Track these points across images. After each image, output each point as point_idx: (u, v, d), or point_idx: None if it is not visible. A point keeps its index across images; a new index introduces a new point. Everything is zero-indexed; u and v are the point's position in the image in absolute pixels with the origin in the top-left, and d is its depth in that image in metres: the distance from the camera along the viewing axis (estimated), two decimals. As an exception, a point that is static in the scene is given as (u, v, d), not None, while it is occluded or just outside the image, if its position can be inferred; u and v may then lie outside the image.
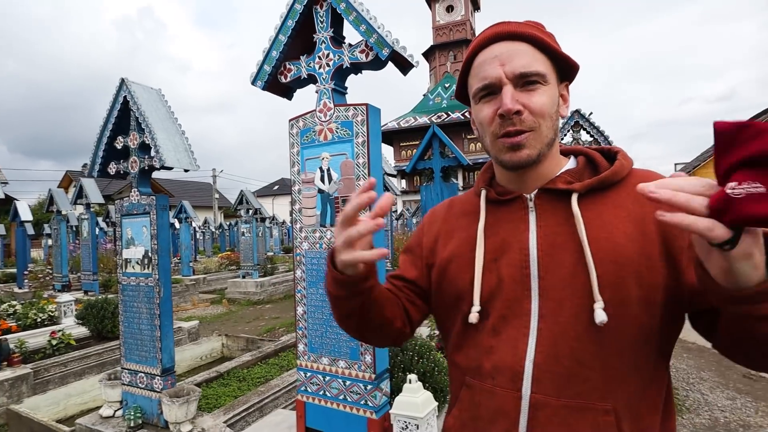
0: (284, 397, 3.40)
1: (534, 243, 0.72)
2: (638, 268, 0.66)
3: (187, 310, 8.46)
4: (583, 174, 0.75)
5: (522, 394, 0.68)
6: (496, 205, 0.79)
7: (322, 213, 2.16)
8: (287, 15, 2.10)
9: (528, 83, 0.70)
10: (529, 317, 0.70)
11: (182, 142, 2.74)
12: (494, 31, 0.72)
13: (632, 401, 0.66)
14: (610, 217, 0.69)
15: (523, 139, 0.69)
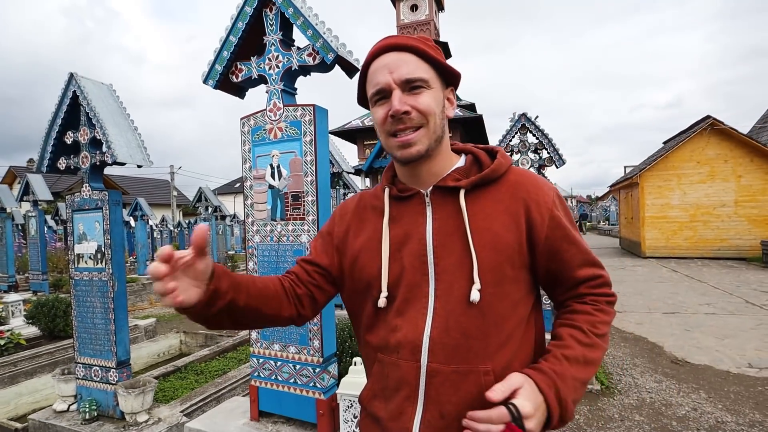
0: (241, 387, 3.48)
1: (430, 234, 0.83)
2: (512, 253, 0.81)
3: (145, 309, 8.27)
4: (470, 171, 0.87)
5: (421, 364, 0.80)
6: (399, 201, 0.89)
7: (273, 208, 2.28)
8: (237, 17, 2.20)
9: (413, 87, 0.81)
10: (427, 299, 0.81)
11: (135, 137, 2.77)
12: (385, 43, 0.83)
13: (508, 361, 0.80)
14: (491, 210, 0.82)
15: (413, 137, 0.80)
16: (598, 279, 0.87)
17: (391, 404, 0.83)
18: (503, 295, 0.80)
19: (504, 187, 0.85)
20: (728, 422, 3.05)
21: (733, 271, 10.75)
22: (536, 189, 0.85)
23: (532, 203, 0.83)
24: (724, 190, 13.55)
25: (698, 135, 13.72)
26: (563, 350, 0.80)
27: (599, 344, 0.82)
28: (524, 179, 0.86)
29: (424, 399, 0.80)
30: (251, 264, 2.36)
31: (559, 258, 0.84)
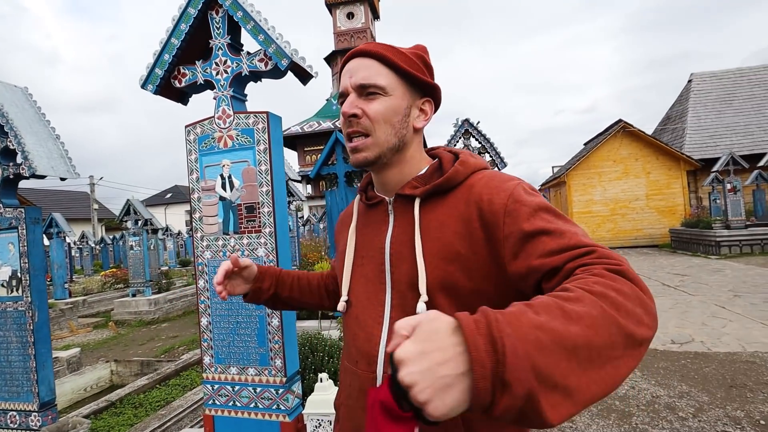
0: (189, 417, 3.22)
1: (388, 242, 0.82)
2: (466, 263, 0.73)
3: (64, 338, 7.43)
4: (431, 179, 0.83)
5: (376, 375, 0.78)
6: (367, 209, 0.91)
7: (225, 221, 2.13)
8: (180, 18, 2.04)
9: (369, 93, 0.80)
10: (383, 307, 0.80)
11: (57, 147, 2.47)
12: (355, 49, 0.85)
13: None
14: (444, 218, 0.77)
15: (359, 144, 0.81)
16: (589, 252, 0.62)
17: (354, 416, 0.83)
18: (460, 307, 0.68)
19: (460, 193, 0.79)
20: (662, 396, 3.36)
21: (649, 257, 11.95)
22: (490, 189, 0.75)
23: (485, 204, 0.73)
24: (637, 186, 15.06)
25: (613, 137, 15.14)
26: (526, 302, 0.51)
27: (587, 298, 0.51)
28: (481, 181, 0.77)
29: None
30: (202, 282, 2.19)
31: (527, 255, 0.67)
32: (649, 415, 3.07)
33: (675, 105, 18.04)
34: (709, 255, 10.98)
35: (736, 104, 16.18)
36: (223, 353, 2.17)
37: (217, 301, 2.16)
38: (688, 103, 16.64)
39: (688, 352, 4.28)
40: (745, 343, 4.40)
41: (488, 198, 0.73)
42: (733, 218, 10.96)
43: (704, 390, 3.41)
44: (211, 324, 2.18)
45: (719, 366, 3.87)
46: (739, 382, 3.50)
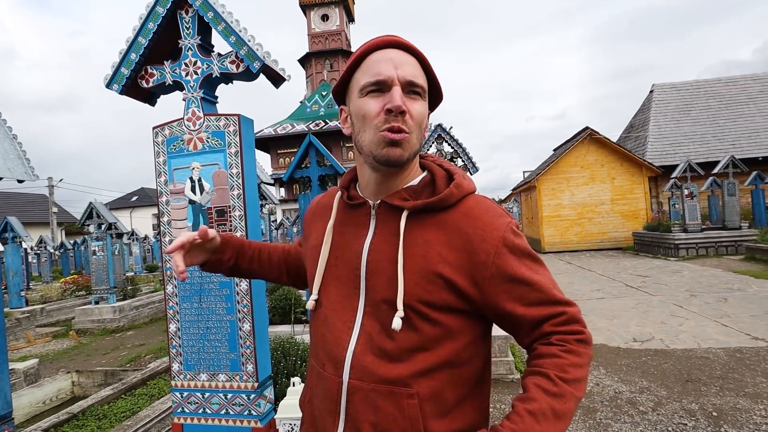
0: (156, 427, 3.12)
1: (367, 248, 0.80)
2: (445, 285, 0.75)
3: (21, 349, 7.05)
4: (422, 193, 0.82)
5: (342, 380, 0.77)
6: (348, 208, 0.88)
7: (194, 224, 2.09)
8: (147, 17, 2.00)
9: (413, 92, 0.78)
10: (355, 313, 0.79)
11: (14, 147, 2.36)
12: (390, 38, 0.80)
13: (437, 389, 0.75)
14: (431, 237, 0.77)
15: (402, 137, 0.75)
16: (562, 316, 0.77)
17: (318, 416, 0.83)
18: (434, 323, 0.75)
19: (452, 216, 0.79)
20: (624, 392, 3.50)
21: (614, 259, 12.42)
22: (484, 224, 0.78)
23: (476, 238, 0.76)
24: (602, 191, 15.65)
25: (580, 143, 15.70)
26: (527, 404, 0.70)
27: (569, 392, 0.71)
28: (476, 211, 0.80)
29: (344, 416, 0.77)
30: (170, 288, 2.14)
31: (510, 298, 0.76)
32: (612, 410, 3.19)
33: (638, 114, 18.90)
34: (669, 257, 11.52)
35: (693, 114, 17.11)
36: (192, 360, 2.12)
37: (187, 307, 2.12)
38: (650, 113, 17.47)
39: (648, 350, 4.48)
40: (700, 340, 4.65)
41: (481, 234, 0.76)
42: (690, 222, 11.54)
43: (663, 385, 3.58)
44: (180, 330, 2.13)
45: (677, 362, 4.07)
46: (695, 377, 3.69)
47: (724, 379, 3.60)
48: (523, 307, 0.76)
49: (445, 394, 0.76)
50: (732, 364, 3.92)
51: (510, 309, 0.76)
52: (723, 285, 7.37)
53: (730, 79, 18.16)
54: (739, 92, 17.45)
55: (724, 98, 17.39)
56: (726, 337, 4.68)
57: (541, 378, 0.72)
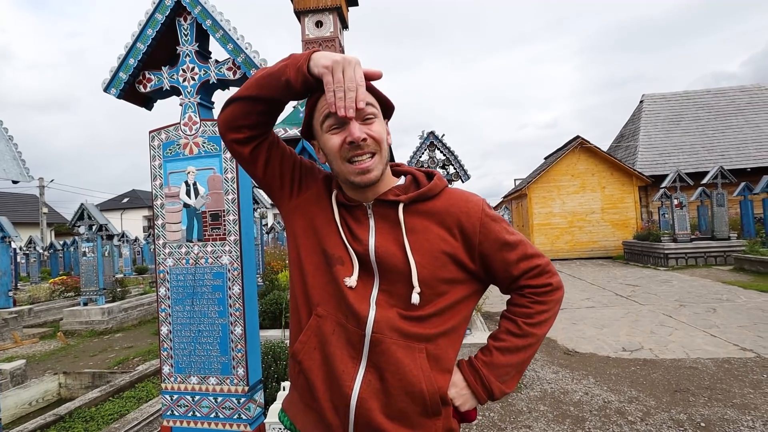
0: (144, 430, 3.10)
1: (372, 240, 0.93)
2: (448, 259, 0.92)
3: (7, 350, 6.94)
4: (409, 189, 0.99)
5: (365, 333, 0.90)
6: (344, 208, 0.98)
7: (188, 228, 2.10)
8: (147, 23, 2.02)
9: (366, 118, 0.89)
10: (371, 289, 0.92)
11: (9, 148, 2.36)
12: None
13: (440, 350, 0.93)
14: (428, 222, 0.94)
15: (370, 164, 0.89)
16: (535, 269, 0.97)
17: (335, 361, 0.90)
18: (441, 295, 0.92)
19: (439, 203, 0.96)
20: (613, 401, 3.53)
21: (604, 268, 12.53)
22: (465, 202, 0.96)
23: (463, 215, 0.94)
24: (593, 199, 15.79)
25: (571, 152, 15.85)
26: (496, 343, 0.97)
27: (532, 332, 0.96)
28: (455, 195, 0.98)
29: (366, 362, 0.89)
30: (162, 290, 2.14)
31: (496, 258, 0.95)
32: (601, 420, 3.22)
33: (628, 124, 19.16)
34: (658, 266, 11.65)
35: (683, 125, 17.38)
36: (183, 362, 2.12)
37: (179, 310, 2.13)
38: (640, 123, 17.72)
39: (637, 359, 4.52)
40: (689, 350, 4.70)
41: (466, 210, 0.94)
42: (679, 232, 11.70)
43: (651, 395, 3.62)
44: (171, 333, 2.13)
45: (665, 372, 4.11)
46: (683, 387, 3.73)
47: (712, 390, 3.64)
48: (505, 264, 0.96)
49: (446, 355, 0.94)
50: (720, 374, 3.96)
51: (496, 267, 0.96)
52: (712, 295, 7.47)
53: (719, 91, 18.50)
54: (728, 103, 17.77)
55: (713, 109, 17.69)
56: (715, 347, 4.73)
57: (510, 323, 0.98)
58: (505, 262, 0.95)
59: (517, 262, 0.95)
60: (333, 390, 0.90)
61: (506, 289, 1.01)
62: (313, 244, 0.98)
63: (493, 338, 0.98)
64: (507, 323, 0.98)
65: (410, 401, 0.88)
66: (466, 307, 0.97)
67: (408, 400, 0.88)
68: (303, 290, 0.98)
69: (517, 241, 0.96)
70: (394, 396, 0.88)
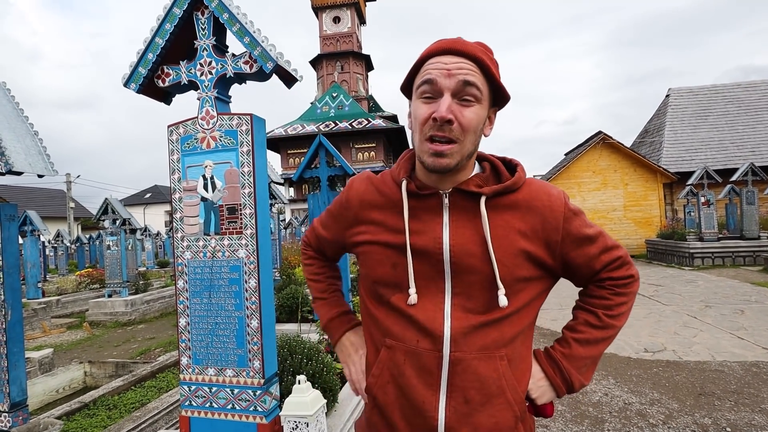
0: (164, 419, 3.18)
1: (447, 234, 0.85)
2: (527, 257, 0.86)
3: (36, 339, 7.21)
4: (489, 179, 0.90)
5: (443, 353, 0.84)
6: (415, 198, 0.89)
7: (206, 221, 2.13)
8: (165, 18, 2.04)
9: (464, 98, 0.80)
10: (443, 294, 0.86)
11: (35, 143, 2.43)
12: (450, 44, 0.82)
13: (517, 350, 0.88)
14: (509, 218, 0.86)
15: (447, 149, 0.81)
16: (617, 261, 0.92)
17: (412, 392, 0.85)
18: (518, 293, 0.86)
19: (520, 196, 0.89)
20: (634, 403, 3.44)
21: (625, 267, 12.22)
22: (548, 197, 0.89)
23: (546, 210, 0.88)
24: (614, 197, 15.40)
25: (593, 148, 15.48)
26: (574, 334, 0.93)
27: (612, 324, 0.92)
28: (536, 188, 0.91)
29: (447, 386, 0.84)
30: (181, 283, 2.18)
31: (578, 254, 0.90)
32: (621, 422, 3.15)
33: (653, 119, 18.59)
34: (683, 266, 11.31)
35: (711, 120, 16.77)
36: (201, 354, 2.15)
37: (197, 302, 2.15)
38: (666, 118, 17.18)
39: (660, 361, 4.40)
40: (715, 352, 4.55)
41: (549, 205, 0.88)
42: (706, 231, 11.32)
43: (674, 398, 3.51)
44: (189, 325, 2.16)
45: (689, 374, 3.99)
46: (708, 391, 3.61)
47: (739, 394, 3.51)
48: (588, 259, 0.91)
49: (523, 355, 0.90)
50: (748, 378, 3.83)
51: (578, 263, 0.91)
52: (740, 296, 7.21)
53: (749, 84, 17.77)
54: (759, 97, 17.05)
55: (744, 103, 17.01)
56: (742, 350, 4.57)
57: (589, 315, 0.93)
58: (587, 257, 0.90)
59: (599, 255, 0.91)
60: (415, 424, 0.85)
61: (585, 283, 0.96)
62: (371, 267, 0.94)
63: (570, 329, 0.94)
64: (585, 315, 0.93)
65: (499, 414, 0.84)
66: (540, 301, 0.93)
67: (496, 414, 0.84)
68: (372, 323, 0.95)
69: (597, 233, 0.91)
70: (483, 413, 0.83)
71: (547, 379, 0.91)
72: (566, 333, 0.94)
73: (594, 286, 0.95)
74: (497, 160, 0.95)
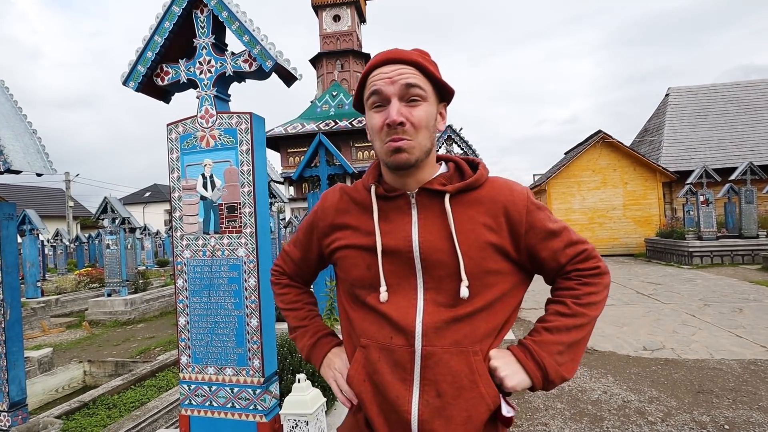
0: (164, 418, 3.18)
1: (416, 232, 0.90)
2: (495, 250, 0.89)
3: (36, 338, 7.21)
4: (453, 178, 0.95)
5: (415, 348, 0.86)
6: (384, 200, 0.95)
7: (205, 220, 2.13)
8: (164, 16, 2.04)
9: (411, 100, 0.87)
10: (415, 291, 0.89)
11: (33, 142, 2.42)
12: (388, 54, 0.89)
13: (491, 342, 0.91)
14: (473, 213, 0.91)
15: (404, 144, 0.86)
16: (582, 254, 0.94)
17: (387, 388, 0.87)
18: (488, 287, 0.89)
19: (484, 192, 0.93)
20: (632, 401, 3.45)
21: (625, 266, 12.25)
22: (511, 192, 0.93)
23: (510, 204, 0.91)
24: (614, 195, 15.41)
25: (592, 147, 15.49)
26: (543, 324, 0.92)
27: (582, 312, 0.91)
28: (500, 185, 0.95)
29: (419, 380, 0.86)
30: (180, 281, 2.18)
31: (543, 248, 0.92)
32: (620, 420, 3.15)
33: (652, 118, 18.60)
34: (682, 265, 11.32)
35: (710, 119, 16.78)
36: (200, 353, 2.16)
37: (196, 301, 2.15)
38: (665, 117, 17.18)
39: (658, 359, 4.41)
40: (713, 350, 4.56)
41: (512, 199, 0.91)
42: (705, 229, 11.33)
43: (673, 395, 3.52)
44: (189, 323, 2.16)
45: (688, 372, 4.00)
46: (706, 388, 3.62)
47: (737, 392, 3.52)
48: (553, 252, 0.93)
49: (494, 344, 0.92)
50: (746, 376, 3.83)
51: (543, 256, 0.93)
52: (738, 295, 7.22)
53: (749, 83, 17.78)
54: (759, 97, 17.06)
55: (743, 103, 17.01)
56: (740, 348, 4.58)
57: (558, 305, 0.93)
58: (552, 250, 0.92)
59: (564, 249, 0.93)
60: (391, 420, 0.87)
61: (553, 278, 0.97)
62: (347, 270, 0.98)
63: (541, 321, 0.94)
64: (555, 305, 0.94)
65: (472, 408, 0.84)
66: (514, 298, 0.94)
67: (469, 407, 0.84)
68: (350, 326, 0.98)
69: (561, 228, 0.94)
70: (456, 406, 0.84)
71: (518, 363, 0.89)
72: (537, 324, 0.94)
73: (562, 278, 0.96)
74: (461, 160, 1.00)
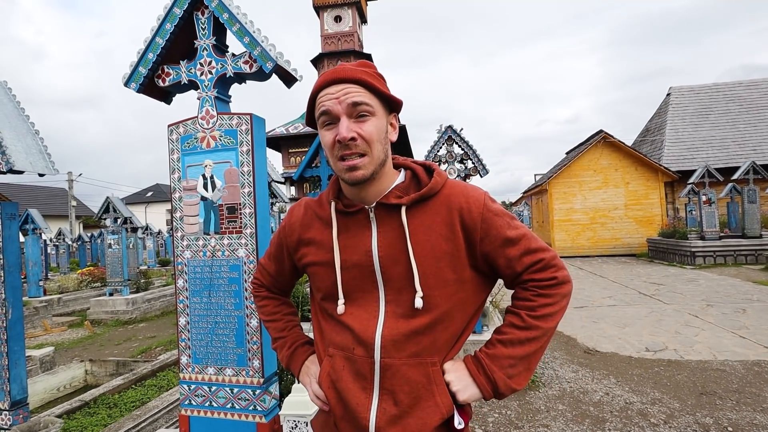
0: (164, 417, 3.18)
1: (375, 246, 0.92)
2: (452, 258, 0.90)
3: (38, 337, 7.23)
4: (410, 188, 0.96)
5: (374, 360, 0.89)
6: (344, 215, 0.96)
7: (206, 221, 2.13)
8: (165, 18, 2.04)
9: (359, 115, 0.88)
10: (377, 303, 0.92)
11: (36, 142, 2.43)
12: (332, 74, 0.90)
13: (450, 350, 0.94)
14: (430, 223, 0.91)
15: (359, 162, 0.88)
16: (539, 264, 0.92)
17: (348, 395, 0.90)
18: (447, 297, 0.90)
19: (440, 200, 0.93)
20: (635, 402, 3.44)
21: (627, 266, 12.21)
22: (466, 198, 0.93)
23: (464, 211, 0.91)
24: (616, 195, 15.38)
25: (594, 147, 15.46)
26: (499, 336, 0.93)
27: (536, 324, 0.90)
28: (456, 190, 0.94)
29: (379, 390, 0.89)
30: (181, 282, 2.18)
31: (498, 255, 0.92)
32: (622, 421, 3.14)
33: (654, 117, 18.54)
34: (685, 265, 11.28)
35: (712, 118, 16.72)
36: (200, 353, 2.16)
37: (196, 301, 2.16)
38: (667, 116, 17.13)
39: (661, 360, 4.39)
40: (716, 351, 4.54)
41: (467, 206, 0.91)
42: (707, 229, 11.29)
43: (676, 397, 3.51)
44: (189, 324, 2.17)
45: (691, 374, 3.98)
46: (710, 390, 3.60)
47: (740, 393, 3.50)
48: (508, 261, 0.92)
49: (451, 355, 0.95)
50: (749, 377, 3.81)
51: (499, 264, 0.93)
52: (741, 295, 7.19)
53: (751, 83, 17.70)
54: (761, 96, 16.98)
55: (745, 102, 16.94)
56: (743, 349, 4.56)
57: (513, 316, 0.93)
58: (507, 258, 0.92)
59: (520, 257, 0.92)
60: (352, 426, 0.91)
61: (510, 284, 0.98)
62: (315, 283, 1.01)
63: (497, 332, 0.95)
64: (510, 317, 0.94)
65: (427, 417, 0.87)
66: (473, 305, 0.96)
67: (425, 416, 0.87)
68: (320, 336, 1.02)
69: (519, 235, 0.92)
70: (412, 416, 0.87)
71: (470, 377, 0.91)
72: (493, 335, 0.95)
73: (519, 288, 0.96)
74: (418, 166, 1.00)
